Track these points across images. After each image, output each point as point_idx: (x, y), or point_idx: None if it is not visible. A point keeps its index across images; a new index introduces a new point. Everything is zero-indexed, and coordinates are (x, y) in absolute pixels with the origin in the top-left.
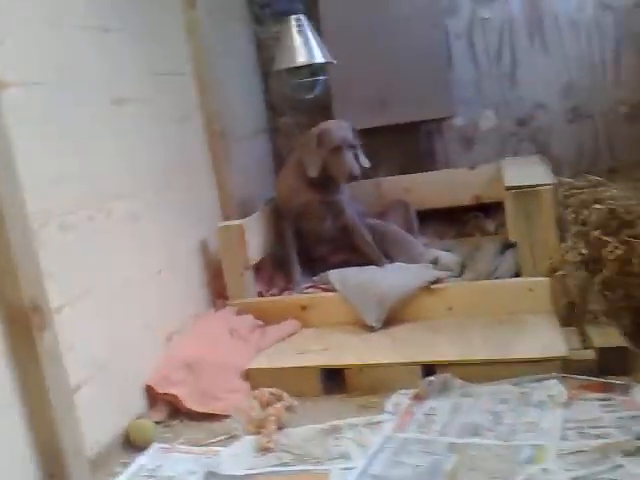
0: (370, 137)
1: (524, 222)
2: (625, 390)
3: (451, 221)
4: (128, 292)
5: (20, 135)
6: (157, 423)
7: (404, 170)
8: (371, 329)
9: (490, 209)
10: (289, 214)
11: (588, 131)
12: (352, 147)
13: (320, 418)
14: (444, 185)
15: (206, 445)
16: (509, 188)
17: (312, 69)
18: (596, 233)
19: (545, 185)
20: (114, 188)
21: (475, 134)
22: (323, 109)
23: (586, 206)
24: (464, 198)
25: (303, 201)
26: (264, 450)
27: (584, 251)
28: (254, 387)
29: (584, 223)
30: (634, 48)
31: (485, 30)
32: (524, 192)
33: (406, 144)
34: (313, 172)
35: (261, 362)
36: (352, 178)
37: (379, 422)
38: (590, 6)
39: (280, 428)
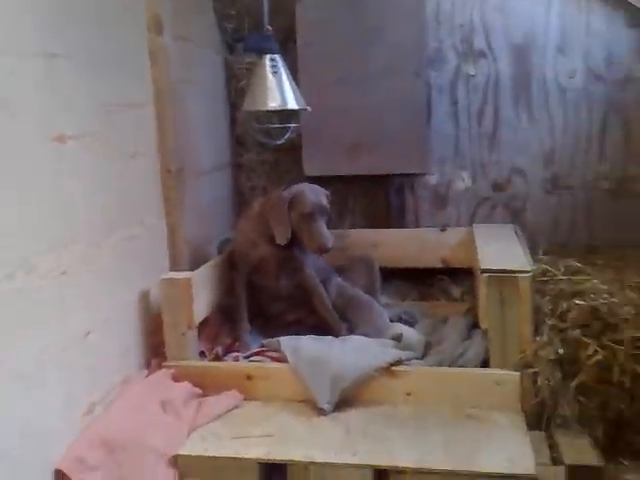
0: (339, 185)
1: (498, 309)
2: None
3: (415, 282)
4: (46, 360)
5: None
6: None
7: (371, 224)
8: (321, 412)
9: (457, 274)
10: (244, 267)
11: (566, 204)
12: (325, 215)
13: None
14: (413, 244)
15: None
16: (485, 271)
17: (284, 114)
18: (575, 333)
19: (524, 272)
20: (40, 239)
21: (448, 194)
22: (292, 150)
23: (565, 298)
24: (432, 260)
25: (260, 255)
26: None
27: (560, 350)
28: (182, 476)
29: (562, 318)
30: (620, 123)
31: (469, 87)
32: (501, 278)
33: (376, 197)
34: (282, 240)
35: (192, 447)
36: (325, 250)
37: None
38: (581, 74)
39: None
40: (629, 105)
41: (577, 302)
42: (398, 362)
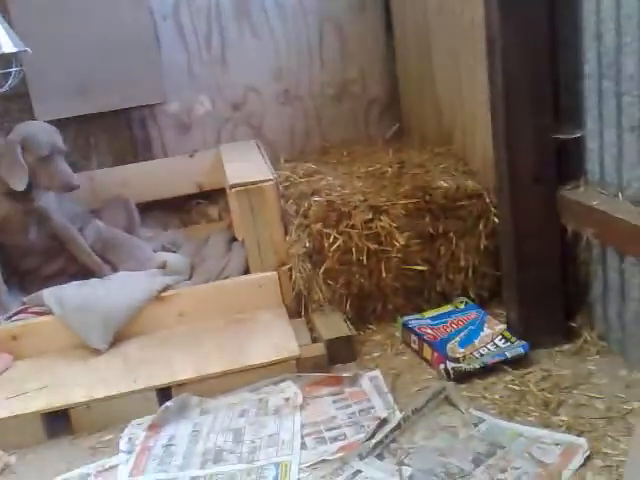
0: (78, 126)
1: (250, 218)
2: (353, 380)
3: (174, 210)
4: None
5: None
6: None
7: (119, 161)
8: (98, 352)
9: (212, 195)
10: None
11: (299, 114)
12: (62, 153)
13: (46, 472)
14: (164, 175)
15: None
16: (233, 186)
17: (1, 60)
18: (317, 226)
19: (267, 181)
20: None
21: (191, 120)
22: (18, 97)
23: (305, 197)
24: (186, 186)
25: (2, 214)
26: None
27: (307, 244)
28: None
29: (305, 215)
30: (335, 30)
31: (192, 12)
32: (247, 190)
33: (119, 132)
34: (20, 186)
35: None
36: (71, 188)
37: (114, 466)
38: None
39: None
40: (340, 12)
41: (315, 199)
42: (166, 288)
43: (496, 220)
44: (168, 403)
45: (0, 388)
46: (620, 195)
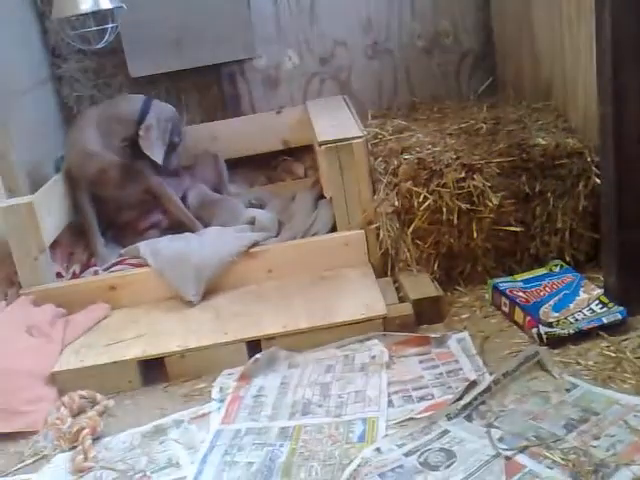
0: (168, 83)
1: (338, 176)
2: (441, 341)
3: (260, 167)
4: None
5: None
6: None
7: (209, 116)
8: (190, 304)
9: (298, 152)
10: (83, 181)
11: (387, 67)
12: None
13: (142, 417)
14: (251, 131)
15: (12, 474)
16: (322, 143)
17: (99, 16)
18: (407, 185)
19: (357, 138)
20: None
21: (279, 75)
22: (114, 53)
23: (395, 155)
24: (272, 143)
25: (98, 166)
26: (81, 471)
27: (396, 203)
28: (63, 392)
29: (394, 174)
30: None
31: None
32: (337, 147)
33: (208, 89)
34: (160, 160)
35: (68, 362)
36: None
37: (206, 413)
38: None
39: (97, 438)
40: None
41: (405, 157)
42: (255, 244)
43: (597, 180)
44: (258, 355)
45: (99, 335)
46: None
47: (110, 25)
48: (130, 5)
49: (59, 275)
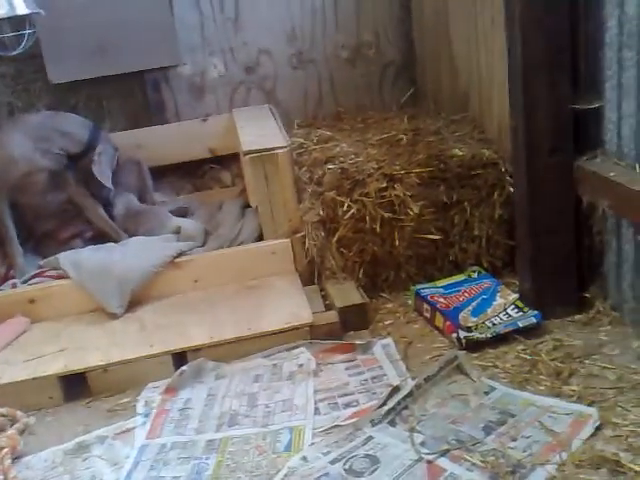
0: (90, 89)
1: (263, 185)
2: (366, 348)
3: (187, 175)
4: None
5: None
6: None
7: (133, 124)
8: (114, 316)
9: (226, 160)
10: (3, 189)
11: (312, 77)
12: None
13: (64, 434)
14: (177, 139)
15: None
16: (247, 153)
17: (16, 21)
18: (331, 194)
19: (281, 148)
20: None
21: (204, 83)
22: (33, 58)
23: (319, 165)
24: (199, 151)
25: (24, 171)
26: None
27: (321, 212)
28: None
29: (319, 183)
30: None
31: None
32: (262, 157)
33: (132, 95)
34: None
35: None
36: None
37: (131, 428)
38: None
39: (18, 457)
40: None
41: (329, 167)
42: (181, 253)
43: (511, 189)
44: (184, 367)
45: (18, 351)
46: (637, 167)
47: (27, 31)
48: (51, 11)
49: None
